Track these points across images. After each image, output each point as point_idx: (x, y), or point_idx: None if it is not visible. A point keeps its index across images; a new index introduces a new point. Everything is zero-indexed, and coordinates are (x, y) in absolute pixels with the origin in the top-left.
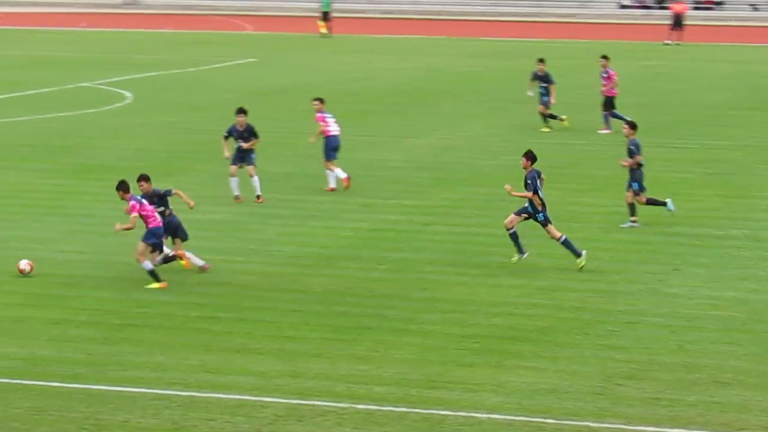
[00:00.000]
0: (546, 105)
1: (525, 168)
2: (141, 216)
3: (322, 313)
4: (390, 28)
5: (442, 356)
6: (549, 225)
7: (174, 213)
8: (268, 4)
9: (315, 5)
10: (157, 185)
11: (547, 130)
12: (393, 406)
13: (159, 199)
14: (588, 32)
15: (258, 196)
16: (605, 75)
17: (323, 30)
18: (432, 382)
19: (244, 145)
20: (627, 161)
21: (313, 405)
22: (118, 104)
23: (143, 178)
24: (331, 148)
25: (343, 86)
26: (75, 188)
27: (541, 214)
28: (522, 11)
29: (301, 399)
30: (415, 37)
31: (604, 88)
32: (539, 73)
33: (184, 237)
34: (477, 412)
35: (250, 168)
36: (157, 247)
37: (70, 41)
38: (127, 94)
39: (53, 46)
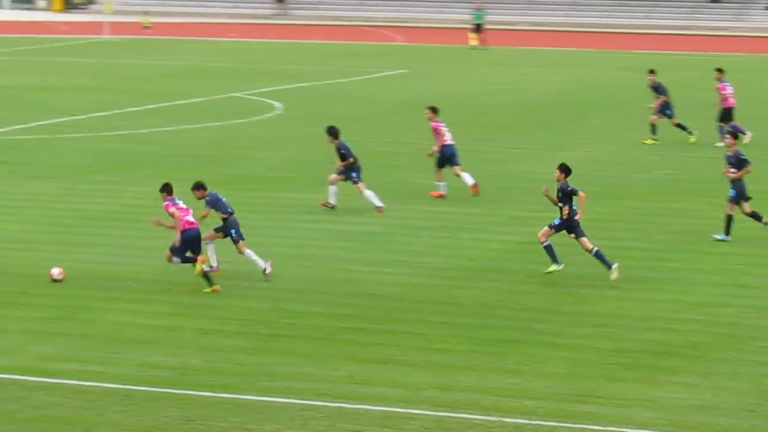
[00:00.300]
0: (668, 115)
1: (558, 180)
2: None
3: (471, 326)
4: (541, 40)
5: (592, 371)
6: (547, 228)
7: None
8: (419, 15)
9: (466, 17)
10: (306, 196)
11: (694, 140)
12: (542, 420)
13: (220, 207)
14: (742, 45)
15: (377, 207)
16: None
17: (473, 42)
18: (582, 397)
19: (338, 165)
20: (735, 172)
21: (462, 418)
22: (267, 114)
23: (194, 186)
24: (446, 157)
25: (493, 98)
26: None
27: (557, 220)
28: (675, 24)
29: (449, 411)
30: (566, 49)
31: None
32: (651, 84)
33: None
34: (627, 428)
35: (356, 186)
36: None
37: (221, 51)
38: (277, 104)
39: (203, 56)
